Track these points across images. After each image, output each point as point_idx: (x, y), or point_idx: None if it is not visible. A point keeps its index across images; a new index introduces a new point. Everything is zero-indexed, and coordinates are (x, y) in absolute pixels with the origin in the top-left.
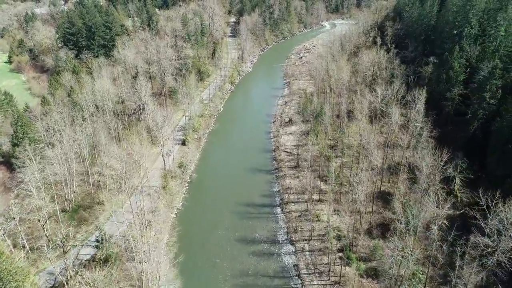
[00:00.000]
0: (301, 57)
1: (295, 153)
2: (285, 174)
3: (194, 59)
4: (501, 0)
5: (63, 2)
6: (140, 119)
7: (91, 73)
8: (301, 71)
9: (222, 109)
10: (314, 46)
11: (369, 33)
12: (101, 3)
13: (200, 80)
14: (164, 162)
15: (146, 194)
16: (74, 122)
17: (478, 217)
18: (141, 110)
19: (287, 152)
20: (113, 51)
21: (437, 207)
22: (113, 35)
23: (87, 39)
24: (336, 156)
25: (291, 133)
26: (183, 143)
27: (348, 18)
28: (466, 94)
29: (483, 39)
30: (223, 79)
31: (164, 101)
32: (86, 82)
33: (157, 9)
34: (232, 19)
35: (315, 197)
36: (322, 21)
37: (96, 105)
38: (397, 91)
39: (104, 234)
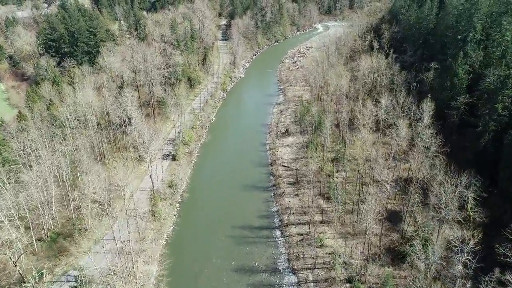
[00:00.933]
0: (295, 62)
1: (294, 168)
2: (283, 192)
3: (184, 66)
4: (506, 3)
5: (46, 5)
6: (127, 132)
7: (73, 83)
8: (295, 77)
9: (214, 118)
10: (308, 50)
11: (365, 37)
12: (86, 6)
13: (191, 87)
14: (153, 184)
15: (133, 219)
16: (53, 139)
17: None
18: (127, 124)
19: (285, 166)
20: (97, 58)
21: (462, 242)
22: (98, 41)
23: (70, 45)
24: (338, 171)
25: (288, 145)
26: (174, 158)
27: (341, 20)
28: (472, 103)
29: (485, 43)
30: (215, 86)
31: (153, 111)
32: (67, 94)
33: (145, 12)
34: (223, 21)
35: (317, 217)
36: (315, 23)
37: (78, 119)
38: (403, 102)
39: (84, 275)
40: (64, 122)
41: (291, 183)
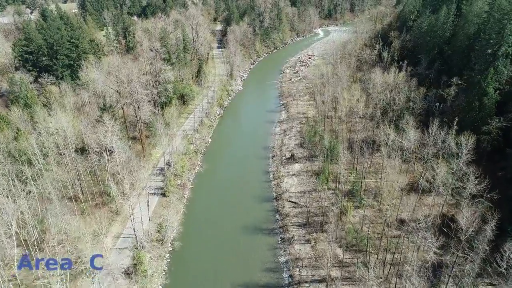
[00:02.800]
0: (297, 72)
1: (303, 204)
2: (292, 237)
3: (176, 82)
4: None
5: (29, 11)
6: (107, 168)
7: (48, 105)
8: (298, 89)
9: (210, 140)
10: (310, 58)
11: (373, 45)
12: (74, 10)
13: (184, 103)
14: (136, 239)
15: (111, 277)
16: (15, 182)
17: None
18: (107, 156)
19: (293, 202)
20: (80, 72)
21: None
22: (80, 53)
23: (49, 58)
24: (355, 207)
25: (294, 174)
26: (164, 193)
27: (342, 24)
28: (507, 127)
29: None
30: (210, 101)
31: (140, 136)
32: (40, 118)
33: (135, 17)
34: (218, 27)
35: (336, 272)
36: (315, 28)
37: (50, 152)
38: (434, 134)
39: None
40: (35, 155)
41: (301, 224)
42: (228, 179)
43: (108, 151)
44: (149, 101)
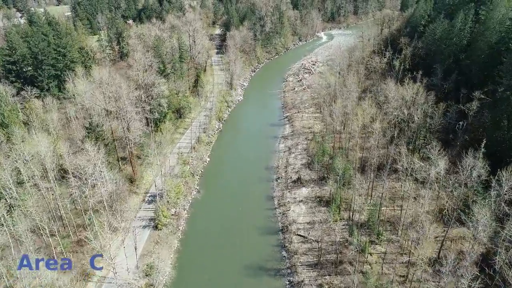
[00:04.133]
0: (301, 80)
1: (313, 239)
2: (302, 281)
3: (171, 96)
4: None
5: (19, 15)
6: (91, 196)
7: (29, 123)
8: (302, 100)
9: (208, 159)
10: (314, 64)
11: (382, 52)
12: (66, 15)
13: (180, 117)
14: None
15: None
16: None
17: None
18: (90, 189)
19: (301, 236)
20: (66, 83)
21: None
22: (68, 62)
23: (34, 68)
24: (372, 242)
25: (302, 201)
26: (156, 226)
27: (345, 28)
28: None
29: None
30: (209, 114)
31: (130, 158)
32: (17, 140)
33: (131, 21)
34: (217, 30)
35: None
36: (318, 32)
37: (25, 182)
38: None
39: None
40: (7, 189)
41: (311, 264)
42: (227, 206)
43: (91, 184)
44: (140, 120)
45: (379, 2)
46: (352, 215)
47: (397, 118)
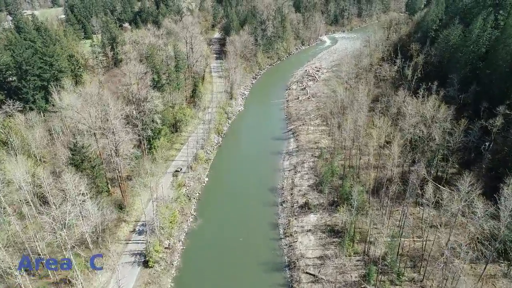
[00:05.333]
0: (304, 88)
1: (323, 278)
2: None
3: (166, 110)
4: None
5: (10, 18)
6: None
7: (7, 143)
8: (307, 110)
9: (207, 180)
10: (318, 71)
11: (392, 59)
12: (60, 18)
13: (176, 131)
14: None
15: None
16: None
17: None
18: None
19: (310, 274)
20: (51, 96)
21: None
22: (56, 72)
23: (19, 79)
24: (391, 282)
25: (310, 230)
26: (146, 263)
27: (349, 31)
28: None
29: None
30: (207, 126)
31: (120, 183)
32: None
33: (127, 24)
34: (216, 34)
35: None
36: (321, 35)
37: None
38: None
39: None
40: None
41: None
42: (227, 236)
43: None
44: (131, 140)
45: (383, 4)
46: (368, 248)
47: (414, 136)
